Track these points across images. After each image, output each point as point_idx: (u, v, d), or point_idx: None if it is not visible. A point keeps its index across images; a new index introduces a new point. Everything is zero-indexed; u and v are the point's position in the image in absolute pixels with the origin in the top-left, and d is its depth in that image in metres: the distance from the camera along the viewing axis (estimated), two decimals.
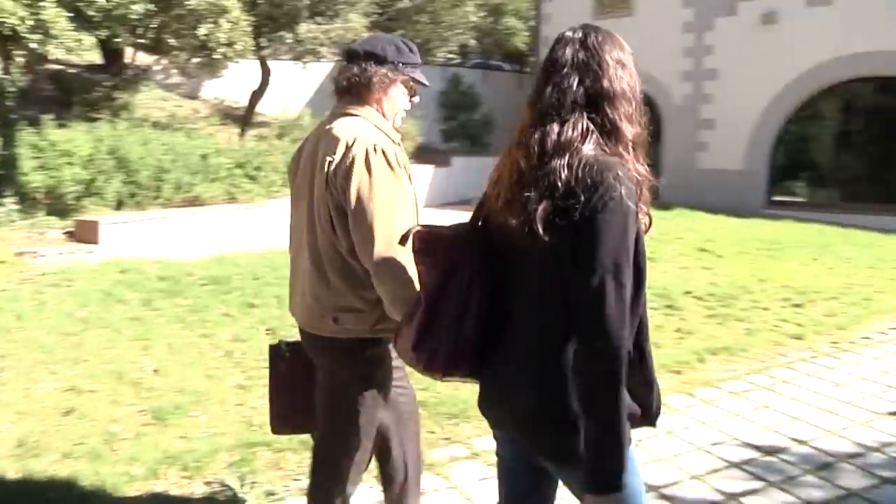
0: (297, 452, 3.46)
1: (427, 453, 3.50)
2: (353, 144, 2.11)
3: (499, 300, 1.72)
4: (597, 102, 1.58)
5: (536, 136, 1.57)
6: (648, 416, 1.69)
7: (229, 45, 11.51)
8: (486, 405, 1.78)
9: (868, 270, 8.50)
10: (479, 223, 1.76)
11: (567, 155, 1.52)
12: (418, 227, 1.77)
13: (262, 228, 9.42)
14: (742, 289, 7.07)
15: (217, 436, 3.64)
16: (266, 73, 14.42)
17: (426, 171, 15.19)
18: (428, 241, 1.75)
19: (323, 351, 2.32)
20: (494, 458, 1.92)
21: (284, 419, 2.55)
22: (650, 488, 3.22)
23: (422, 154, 15.63)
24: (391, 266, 2.04)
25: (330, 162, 2.12)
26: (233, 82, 14.99)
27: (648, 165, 1.64)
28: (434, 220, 1.91)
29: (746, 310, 6.38)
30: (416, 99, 2.43)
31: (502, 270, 1.70)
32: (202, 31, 11.17)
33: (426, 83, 2.38)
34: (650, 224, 1.65)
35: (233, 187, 10.71)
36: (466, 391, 3.89)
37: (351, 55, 2.29)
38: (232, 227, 9.66)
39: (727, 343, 5.35)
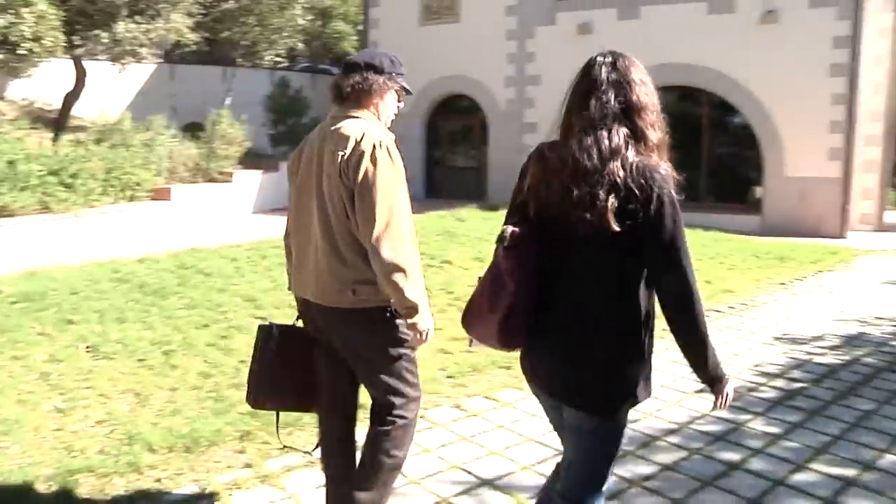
0: (124, 476, 3.28)
1: (262, 464, 3.44)
2: (361, 140, 2.44)
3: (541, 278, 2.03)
4: (628, 113, 1.95)
5: (590, 141, 1.91)
6: None
7: (35, 39, 10.67)
8: (534, 368, 2.14)
9: None
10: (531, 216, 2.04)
11: (619, 158, 1.88)
12: (512, 228, 2.02)
13: (81, 239, 8.82)
14: None
15: (32, 466, 3.36)
16: (81, 73, 13.53)
17: (254, 177, 14.77)
18: (517, 238, 2.01)
19: (346, 322, 2.55)
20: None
21: (274, 394, 2.75)
22: (483, 482, 3.36)
23: (249, 159, 15.13)
24: (388, 244, 2.38)
25: (342, 156, 2.44)
26: (44, 82, 13.92)
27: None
28: (267, 226, 1.90)
29: None
30: (402, 104, 2.75)
31: (552, 253, 2.00)
32: (1, 22, 10.29)
33: (411, 91, 2.75)
34: None
35: (46, 196, 9.95)
36: None
37: (351, 66, 2.60)
38: (46, 239, 8.99)
39: None
